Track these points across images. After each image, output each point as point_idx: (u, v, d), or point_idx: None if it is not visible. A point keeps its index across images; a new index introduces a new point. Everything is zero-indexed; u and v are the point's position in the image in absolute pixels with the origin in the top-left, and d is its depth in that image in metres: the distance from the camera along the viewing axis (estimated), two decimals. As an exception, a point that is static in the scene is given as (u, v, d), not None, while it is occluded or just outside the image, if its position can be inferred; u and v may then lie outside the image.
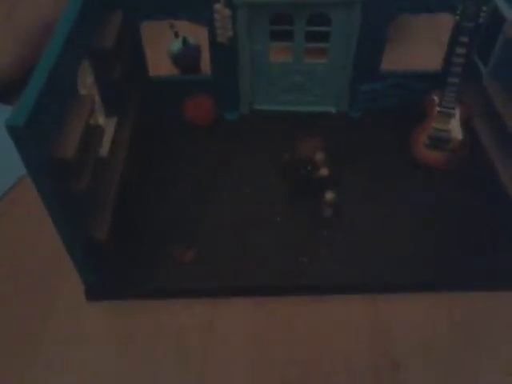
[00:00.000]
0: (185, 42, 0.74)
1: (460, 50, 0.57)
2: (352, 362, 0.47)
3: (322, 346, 0.48)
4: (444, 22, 0.64)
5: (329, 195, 0.54)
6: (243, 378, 0.46)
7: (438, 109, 0.60)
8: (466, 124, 0.60)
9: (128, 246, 0.53)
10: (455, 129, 0.60)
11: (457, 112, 0.60)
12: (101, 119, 0.52)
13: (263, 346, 0.48)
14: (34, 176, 0.38)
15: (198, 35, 0.72)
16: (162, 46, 0.75)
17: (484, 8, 0.55)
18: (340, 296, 0.51)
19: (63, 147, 0.39)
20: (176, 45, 0.75)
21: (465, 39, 0.56)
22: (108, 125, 0.54)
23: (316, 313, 0.50)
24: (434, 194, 0.59)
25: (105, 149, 0.51)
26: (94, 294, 0.51)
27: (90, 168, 0.44)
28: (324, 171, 0.56)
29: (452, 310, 0.50)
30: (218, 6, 0.57)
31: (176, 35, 0.75)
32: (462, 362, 0.47)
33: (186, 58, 0.75)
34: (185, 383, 0.46)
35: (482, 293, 0.51)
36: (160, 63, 0.72)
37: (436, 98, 0.61)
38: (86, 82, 0.48)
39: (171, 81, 0.67)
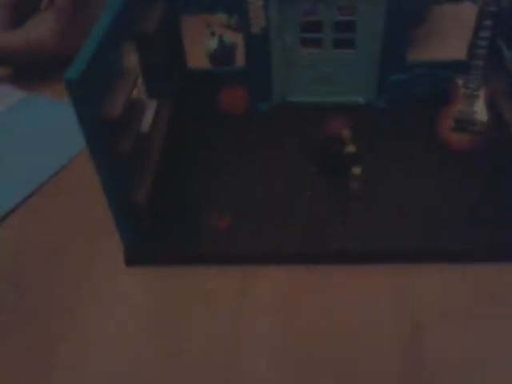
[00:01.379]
0: (221, 40, 0.79)
1: (483, 34, 0.59)
2: (374, 326, 0.48)
3: (346, 310, 0.50)
4: (468, 14, 0.67)
5: (356, 170, 0.57)
6: (270, 336, 0.48)
7: (463, 91, 0.62)
8: (491, 106, 0.62)
9: (166, 214, 0.57)
10: (480, 111, 0.62)
11: (481, 94, 0.62)
12: (143, 96, 0.56)
13: (291, 310, 0.50)
14: (86, 131, 0.42)
15: (235, 35, 0.78)
16: (200, 43, 0.80)
17: (505, -8, 0.58)
18: (366, 266, 0.53)
19: (111, 107, 0.44)
20: (212, 43, 0.80)
21: (488, 22, 0.59)
22: (149, 104, 0.58)
23: (343, 280, 0.52)
24: (459, 173, 0.60)
25: (146, 123, 0.55)
26: (132, 259, 0.54)
27: (134, 133, 0.48)
28: (351, 148, 0.58)
29: (479, 281, 0.51)
30: (250, -3, 0.62)
31: (213, 34, 0.80)
32: (485, 327, 0.48)
33: (222, 56, 0.80)
34: (216, 339, 0.48)
35: (499, 264, 0.52)
36: (198, 59, 0.76)
37: (460, 82, 0.63)
38: (131, 60, 0.53)
39: (208, 72, 0.72)
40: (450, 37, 0.83)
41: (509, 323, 0.48)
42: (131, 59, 0.53)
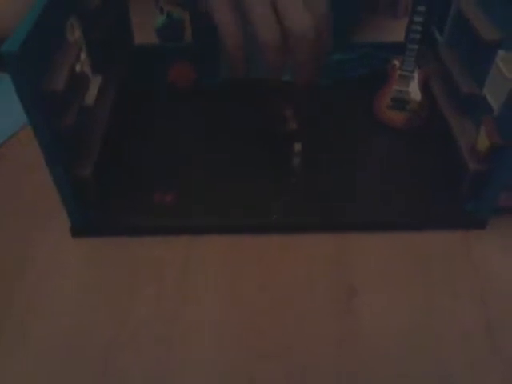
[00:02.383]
0: (169, 16, 0.80)
1: (417, 18, 0.63)
2: (314, 288, 0.52)
3: (285, 278, 0.53)
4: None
5: (297, 146, 0.60)
6: (217, 301, 0.51)
7: (398, 72, 0.66)
8: (424, 87, 0.66)
9: (111, 188, 0.58)
10: (414, 91, 0.66)
11: (416, 75, 0.66)
12: (87, 70, 0.56)
13: (236, 276, 0.53)
14: (26, 106, 0.43)
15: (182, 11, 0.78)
16: (149, 20, 0.80)
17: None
18: (304, 235, 0.56)
19: (53, 81, 0.44)
20: (161, 19, 0.80)
21: (421, 8, 0.62)
22: (94, 80, 0.58)
23: (283, 248, 0.55)
24: (394, 148, 0.64)
25: (91, 98, 0.56)
26: (78, 231, 0.56)
27: (77, 107, 0.49)
28: (292, 125, 0.61)
29: (409, 246, 0.56)
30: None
31: (161, 11, 0.81)
32: (415, 289, 0.52)
33: (170, 31, 0.81)
34: (163, 306, 0.51)
35: (437, 232, 0.56)
36: (146, 35, 0.77)
37: (397, 63, 0.66)
38: (75, 35, 0.53)
39: (155, 48, 0.72)
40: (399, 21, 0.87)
41: (436, 289, 0.52)
42: (75, 33, 0.53)
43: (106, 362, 0.46)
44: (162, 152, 0.63)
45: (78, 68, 0.52)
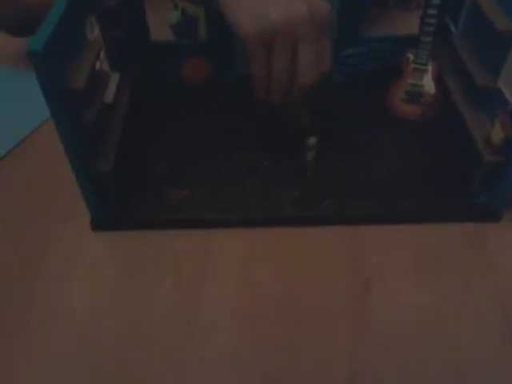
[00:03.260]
0: (183, 12, 0.81)
1: (431, 11, 0.63)
2: (329, 279, 0.53)
3: (303, 267, 0.54)
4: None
5: (311, 140, 0.60)
6: (232, 291, 0.52)
7: (412, 66, 0.66)
8: (438, 80, 0.66)
9: (129, 184, 0.59)
10: (428, 84, 0.66)
11: (430, 68, 0.66)
12: (106, 68, 0.58)
13: (252, 268, 0.54)
14: (49, 102, 0.44)
15: (197, 8, 0.79)
16: (164, 17, 0.81)
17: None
18: (319, 228, 0.57)
19: (74, 78, 0.46)
20: (175, 16, 0.81)
21: (435, 1, 0.62)
22: (112, 77, 0.60)
23: (298, 241, 0.56)
24: (409, 142, 0.65)
25: (110, 95, 0.57)
26: (98, 225, 0.57)
27: (98, 104, 0.50)
28: (305, 119, 0.62)
29: (423, 239, 0.56)
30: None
31: (176, 7, 0.82)
32: (429, 282, 0.52)
33: (184, 28, 0.81)
34: (181, 297, 0.52)
35: (451, 225, 0.57)
36: (161, 32, 0.78)
37: (411, 56, 0.67)
38: (94, 33, 0.54)
39: (171, 44, 0.73)
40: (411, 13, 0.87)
41: (452, 280, 0.52)
42: (94, 32, 0.55)
43: (126, 354, 0.47)
44: (177, 148, 0.64)
45: (97, 66, 0.53)
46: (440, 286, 0.52)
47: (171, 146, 0.65)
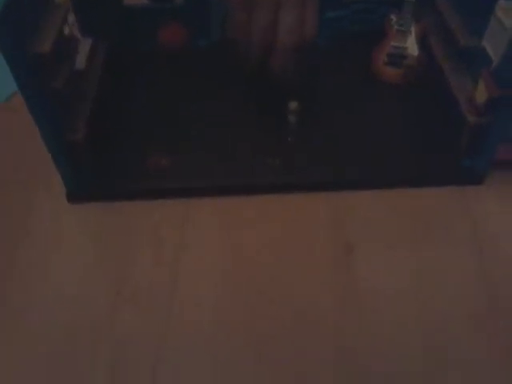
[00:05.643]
0: (158, -24, 0.77)
1: (414, -30, 0.61)
2: (313, 244, 0.52)
3: (287, 233, 0.53)
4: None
5: (293, 104, 0.59)
6: (218, 260, 0.51)
7: (395, 27, 0.64)
8: (422, 41, 0.64)
9: (106, 152, 0.57)
10: (411, 46, 0.64)
11: (413, 30, 0.64)
12: (76, 33, 0.55)
13: (235, 236, 0.53)
14: (13, 69, 0.42)
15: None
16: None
17: None
18: (304, 194, 0.56)
19: (39, 43, 0.43)
20: (150, -21, 0.78)
21: (418, -41, 0.60)
22: (84, 43, 0.57)
23: (281, 208, 0.55)
24: (391, 105, 0.64)
25: (81, 61, 0.54)
26: (74, 196, 0.55)
27: (67, 70, 0.48)
28: (289, 82, 0.60)
29: (406, 203, 0.55)
30: None
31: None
32: (413, 244, 0.52)
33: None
34: (159, 270, 0.51)
35: (434, 188, 0.56)
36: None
37: (394, 18, 0.65)
38: (61, -4, 0.51)
39: (145, 9, 0.70)
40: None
41: (434, 243, 0.52)
42: (61, -5, 0.52)
43: (111, 320, 0.47)
44: (155, 114, 0.62)
45: (66, 31, 0.50)
46: (424, 247, 0.52)
47: (148, 113, 0.63)
